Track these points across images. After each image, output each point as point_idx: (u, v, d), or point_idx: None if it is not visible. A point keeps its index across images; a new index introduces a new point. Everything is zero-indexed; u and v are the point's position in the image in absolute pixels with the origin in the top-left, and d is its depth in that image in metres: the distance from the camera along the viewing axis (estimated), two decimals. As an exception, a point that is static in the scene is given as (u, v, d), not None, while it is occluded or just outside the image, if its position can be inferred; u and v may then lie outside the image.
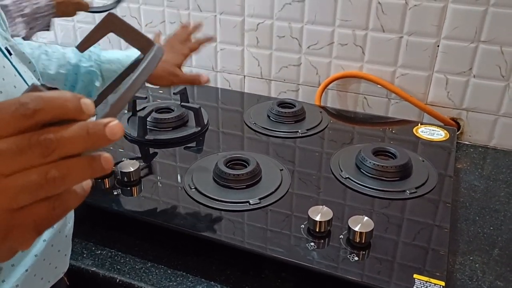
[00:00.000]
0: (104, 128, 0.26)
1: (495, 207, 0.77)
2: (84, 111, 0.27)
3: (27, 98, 0.25)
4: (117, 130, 0.27)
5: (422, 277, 0.54)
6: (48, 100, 0.26)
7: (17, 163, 0.25)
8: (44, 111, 0.25)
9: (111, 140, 0.26)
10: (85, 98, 0.27)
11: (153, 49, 0.32)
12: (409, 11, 0.91)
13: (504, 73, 0.89)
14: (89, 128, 0.26)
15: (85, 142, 0.26)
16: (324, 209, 0.61)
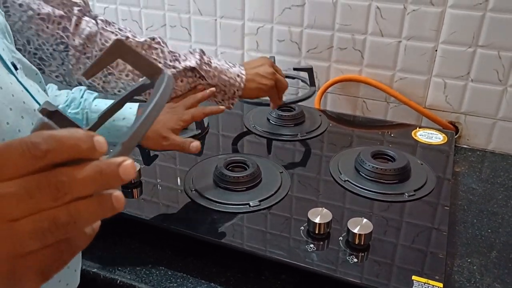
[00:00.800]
0: (117, 169, 0.25)
1: (493, 210, 0.77)
2: (97, 150, 0.25)
3: (38, 138, 0.24)
4: (131, 170, 0.26)
5: (421, 279, 0.55)
6: (61, 140, 0.24)
7: (25, 207, 0.24)
8: (56, 152, 0.24)
9: (124, 180, 0.25)
10: (97, 135, 0.26)
11: (163, 78, 0.31)
12: (407, 16, 0.92)
13: (501, 77, 0.90)
14: (102, 169, 0.25)
15: (97, 183, 0.25)
16: (324, 211, 0.62)
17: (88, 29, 0.63)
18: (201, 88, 0.72)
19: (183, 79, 0.71)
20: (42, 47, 0.61)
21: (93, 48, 0.64)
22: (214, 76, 0.73)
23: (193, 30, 1.11)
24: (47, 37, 0.60)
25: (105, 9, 1.18)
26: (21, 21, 0.58)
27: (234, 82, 0.74)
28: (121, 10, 1.16)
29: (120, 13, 1.17)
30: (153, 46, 0.69)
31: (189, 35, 1.12)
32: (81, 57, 0.63)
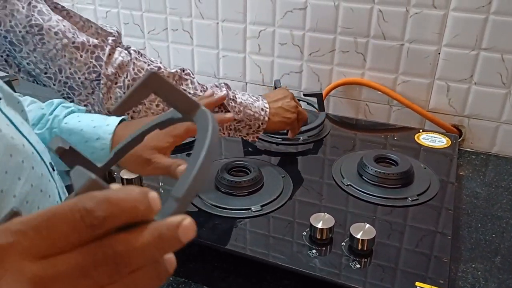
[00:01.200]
0: (177, 231, 0.23)
1: (497, 214, 0.77)
2: (153, 210, 0.23)
3: (91, 203, 0.21)
4: (191, 231, 0.23)
5: (424, 285, 0.54)
6: (118, 204, 0.22)
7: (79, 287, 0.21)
8: (114, 218, 0.22)
9: (184, 243, 0.23)
10: (151, 192, 0.23)
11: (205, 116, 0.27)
12: (410, 18, 0.91)
13: (505, 80, 0.89)
14: (162, 233, 0.22)
15: (157, 249, 0.23)
16: (326, 216, 0.62)
17: (121, 59, 0.62)
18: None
19: None
20: (73, 76, 0.60)
21: (126, 78, 0.62)
22: (240, 112, 0.71)
23: (195, 34, 1.11)
24: (80, 66, 0.59)
25: (107, 13, 1.18)
26: (55, 49, 0.57)
27: (259, 116, 0.73)
28: (123, 14, 1.16)
29: (122, 17, 1.17)
30: (183, 77, 0.68)
31: (191, 39, 1.12)
32: (112, 86, 0.62)
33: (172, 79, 0.66)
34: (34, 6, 0.57)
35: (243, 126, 0.73)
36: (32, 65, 0.58)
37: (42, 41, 0.57)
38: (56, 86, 0.60)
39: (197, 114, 0.28)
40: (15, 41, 0.56)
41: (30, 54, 0.57)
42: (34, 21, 0.56)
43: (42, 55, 0.57)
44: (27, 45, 0.56)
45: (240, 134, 0.74)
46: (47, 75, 0.59)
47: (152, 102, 0.65)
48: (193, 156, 0.24)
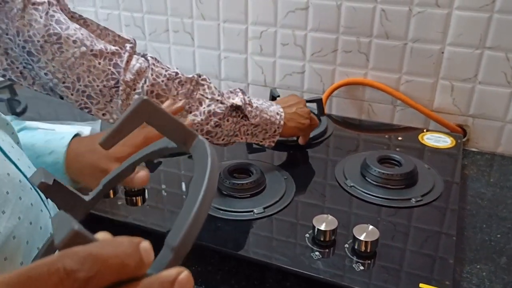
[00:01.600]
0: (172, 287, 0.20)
1: (503, 215, 0.76)
2: (145, 264, 0.20)
3: (73, 261, 0.18)
4: (188, 285, 0.21)
5: (429, 286, 0.54)
6: (104, 261, 0.19)
7: None
8: (100, 279, 0.19)
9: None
10: (142, 242, 0.21)
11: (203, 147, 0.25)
12: (413, 18, 0.90)
13: (510, 79, 0.88)
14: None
15: None
16: (329, 218, 0.61)
17: (139, 65, 0.62)
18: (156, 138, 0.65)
19: (229, 119, 0.68)
20: (92, 84, 0.59)
21: (144, 84, 0.62)
22: (256, 116, 0.71)
23: (196, 35, 1.11)
24: (98, 73, 0.59)
25: (109, 15, 1.18)
26: (74, 57, 0.57)
27: (275, 120, 0.73)
28: (124, 15, 1.16)
29: (123, 19, 1.17)
30: (200, 82, 0.67)
31: (192, 40, 1.12)
32: (131, 93, 0.61)
33: (190, 84, 0.66)
34: (52, 16, 0.57)
35: (260, 130, 0.73)
36: (50, 75, 0.57)
37: (60, 49, 0.56)
38: (74, 96, 0.59)
39: (194, 145, 0.26)
40: (34, 51, 0.56)
41: (48, 64, 0.56)
42: (53, 30, 0.56)
43: (60, 64, 0.57)
44: (46, 55, 0.56)
45: (257, 139, 0.74)
46: (65, 85, 0.58)
47: None
48: (189, 198, 0.22)
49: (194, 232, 0.21)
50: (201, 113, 0.66)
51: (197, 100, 0.66)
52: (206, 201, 0.22)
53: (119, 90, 0.60)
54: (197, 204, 0.21)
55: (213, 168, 0.23)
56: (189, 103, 0.65)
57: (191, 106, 0.65)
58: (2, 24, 0.53)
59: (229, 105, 0.68)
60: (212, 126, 0.67)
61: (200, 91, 0.66)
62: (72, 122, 1.05)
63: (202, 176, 0.23)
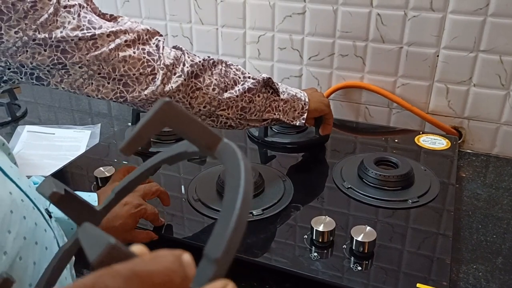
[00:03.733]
0: None
1: (498, 215, 0.77)
2: (189, 278, 0.19)
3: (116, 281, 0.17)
4: None
5: (426, 286, 0.55)
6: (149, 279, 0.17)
7: None
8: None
9: None
10: (184, 254, 0.19)
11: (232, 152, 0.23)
12: (408, 21, 0.92)
13: (504, 81, 0.90)
14: None
15: None
16: (327, 220, 0.62)
17: (174, 52, 0.65)
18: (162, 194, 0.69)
19: (260, 94, 0.71)
20: (128, 73, 0.61)
21: (184, 66, 0.65)
22: (284, 92, 0.75)
23: (194, 40, 1.12)
24: (134, 62, 0.61)
25: (108, 20, 1.19)
26: (108, 49, 0.58)
27: (300, 96, 0.77)
28: (124, 21, 1.17)
29: (122, 24, 1.18)
30: (229, 64, 0.71)
31: (191, 44, 1.13)
32: (172, 77, 0.64)
33: (221, 65, 0.69)
34: (84, 17, 0.59)
35: (289, 107, 0.76)
36: (85, 68, 0.59)
37: (95, 45, 0.58)
38: (110, 84, 0.61)
39: (219, 148, 0.24)
40: (68, 48, 0.57)
41: (82, 58, 0.58)
42: (86, 29, 0.58)
43: (95, 57, 0.58)
44: (80, 51, 0.57)
45: (287, 117, 0.76)
46: (101, 75, 0.60)
47: (208, 87, 0.67)
48: (226, 205, 0.20)
49: (236, 241, 0.20)
50: (236, 91, 0.69)
51: (232, 79, 0.69)
52: (245, 206, 0.20)
53: (159, 75, 0.62)
54: (237, 210, 0.20)
55: (247, 170, 0.22)
56: (225, 82, 0.68)
57: (226, 85, 0.69)
58: (29, 31, 0.54)
59: (261, 80, 0.71)
60: (246, 102, 0.70)
61: (232, 70, 0.70)
62: (71, 126, 1.06)
63: (237, 180, 0.21)
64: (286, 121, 0.76)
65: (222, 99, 0.68)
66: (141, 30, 0.63)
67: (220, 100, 0.68)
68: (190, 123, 0.24)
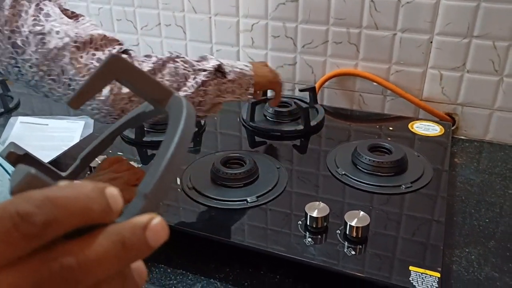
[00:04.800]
0: (144, 234, 0.19)
1: (491, 200, 0.77)
2: (113, 210, 0.19)
3: (28, 204, 0.16)
4: (162, 233, 0.19)
5: (418, 269, 0.55)
6: (63, 205, 0.17)
7: None
8: (59, 224, 0.17)
9: (154, 248, 0.19)
10: (109, 187, 0.19)
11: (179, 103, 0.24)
12: (401, 8, 0.91)
13: (497, 67, 0.90)
14: (125, 238, 0.18)
15: (119, 260, 0.18)
16: (321, 205, 0.62)
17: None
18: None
19: (211, 82, 0.70)
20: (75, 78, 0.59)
21: None
22: (230, 72, 0.74)
23: (188, 28, 1.11)
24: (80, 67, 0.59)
25: (100, 10, 1.18)
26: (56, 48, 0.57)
27: (245, 72, 0.76)
28: (116, 10, 1.16)
29: (114, 13, 1.17)
30: (176, 59, 0.68)
31: (184, 33, 1.12)
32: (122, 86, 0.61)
33: (170, 63, 0.67)
34: (41, 9, 0.57)
35: (236, 85, 0.75)
36: (35, 68, 0.57)
37: (43, 40, 0.56)
38: (61, 89, 0.59)
39: (169, 103, 0.25)
40: (19, 42, 0.56)
41: (32, 56, 0.56)
42: (38, 21, 0.56)
43: (43, 56, 0.56)
44: (30, 46, 0.56)
45: (235, 95, 0.76)
46: (51, 77, 0.58)
47: None
48: (163, 146, 0.21)
49: (168, 179, 0.20)
50: (189, 87, 0.68)
51: (182, 75, 0.67)
52: (179, 149, 0.21)
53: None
54: (170, 151, 0.21)
55: (188, 117, 0.23)
56: (177, 81, 0.67)
57: (179, 84, 0.67)
58: None
59: (212, 70, 0.70)
60: (201, 96, 0.69)
61: (180, 64, 0.68)
62: (65, 117, 1.05)
63: (176, 126, 0.22)
64: (234, 99, 0.76)
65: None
66: (97, 34, 0.60)
67: None
68: (140, 77, 0.24)
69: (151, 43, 1.17)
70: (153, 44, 1.17)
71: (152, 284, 0.61)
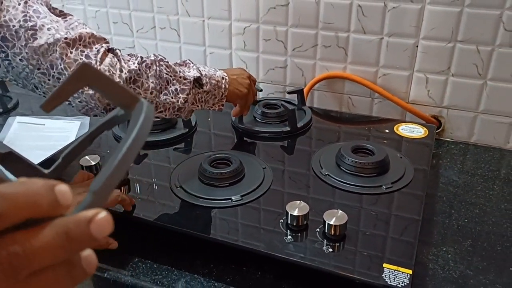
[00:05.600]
0: (88, 226, 0.20)
1: (472, 201, 0.80)
2: (61, 205, 0.21)
3: None
4: (106, 226, 0.21)
5: (391, 266, 0.57)
6: (12, 199, 0.19)
7: None
8: (8, 215, 0.19)
9: (98, 240, 0.21)
10: (60, 184, 0.21)
11: (142, 107, 0.26)
12: (388, 13, 0.94)
13: (480, 71, 0.92)
14: (69, 229, 0.20)
15: (64, 249, 0.20)
16: (302, 204, 0.64)
17: (109, 59, 0.64)
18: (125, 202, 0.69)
19: (191, 91, 0.73)
20: (64, 72, 0.61)
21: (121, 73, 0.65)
22: (207, 83, 0.76)
23: (182, 32, 1.14)
24: (70, 62, 0.61)
25: (97, 13, 1.21)
26: (47, 43, 0.59)
27: (221, 84, 0.78)
28: (112, 13, 1.19)
29: (111, 16, 1.20)
30: (160, 63, 0.71)
31: (178, 36, 1.15)
32: None
33: (155, 65, 0.69)
34: (30, 6, 0.59)
35: (210, 96, 0.78)
36: (24, 61, 0.60)
37: (34, 36, 0.59)
38: (51, 81, 0.62)
39: (136, 107, 0.27)
40: (8, 36, 0.58)
41: (22, 50, 0.59)
42: (29, 17, 0.58)
43: (33, 51, 0.59)
44: (19, 40, 0.58)
45: (208, 105, 0.79)
46: (40, 71, 0.61)
47: (146, 91, 0.68)
48: (117, 148, 0.23)
49: (116, 178, 0.22)
50: (170, 92, 0.70)
51: (165, 79, 0.70)
52: (131, 151, 0.23)
53: None
54: (121, 153, 0.23)
55: (144, 122, 0.25)
56: (160, 84, 0.69)
57: (161, 86, 0.70)
58: None
59: (192, 80, 0.73)
60: (182, 103, 0.72)
61: (164, 68, 0.71)
62: (62, 117, 1.08)
63: (131, 130, 0.24)
64: (206, 108, 0.79)
65: (159, 101, 0.70)
66: (85, 32, 0.63)
67: (157, 103, 0.70)
68: (108, 84, 0.27)
69: (146, 46, 1.20)
70: (148, 46, 1.19)
71: (138, 279, 0.64)
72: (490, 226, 0.73)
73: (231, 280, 0.63)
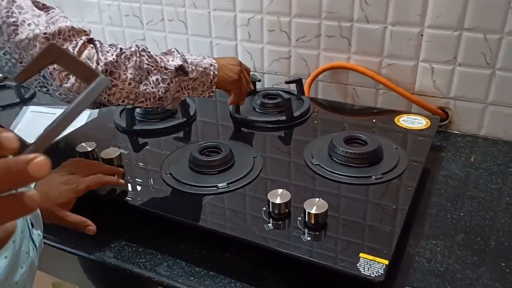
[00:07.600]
0: (26, 166, 0.24)
1: (471, 194, 0.77)
2: (5, 147, 0.24)
3: None
4: (42, 167, 0.24)
5: (368, 255, 0.56)
6: None
7: None
8: None
9: (35, 178, 0.24)
10: (5, 132, 0.25)
11: (96, 79, 0.31)
12: (392, 1, 0.91)
13: (489, 60, 0.88)
14: (10, 166, 0.24)
15: (4, 182, 0.24)
16: (284, 193, 0.64)
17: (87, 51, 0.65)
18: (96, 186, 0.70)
19: (173, 80, 0.74)
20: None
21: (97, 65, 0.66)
22: (193, 71, 0.77)
23: (189, 23, 1.15)
24: None
25: (109, 6, 1.24)
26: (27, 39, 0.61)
27: (209, 71, 0.78)
28: (123, 6, 1.22)
29: (122, 9, 1.23)
30: (142, 53, 0.72)
31: (186, 28, 1.16)
32: None
33: (135, 56, 0.70)
34: (14, 1, 0.62)
35: (198, 84, 0.78)
36: (8, 56, 0.63)
37: (15, 31, 0.61)
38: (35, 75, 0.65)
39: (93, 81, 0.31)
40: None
41: (5, 44, 0.62)
42: (11, 13, 0.61)
43: (15, 45, 0.61)
44: (2, 36, 0.61)
45: (197, 92, 0.79)
46: (22, 65, 0.63)
47: (124, 82, 0.69)
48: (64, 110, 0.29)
49: (56, 132, 0.27)
50: (150, 82, 0.71)
51: (145, 70, 0.71)
52: (73, 112, 0.28)
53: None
54: (63, 115, 0.28)
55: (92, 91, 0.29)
56: (139, 74, 0.70)
57: (141, 77, 0.70)
58: None
59: (173, 69, 0.73)
60: (162, 92, 0.73)
61: (145, 59, 0.71)
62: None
63: (77, 97, 0.29)
64: (195, 96, 0.79)
65: (138, 91, 0.70)
66: (65, 26, 0.64)
67: (137, 93, 0.70)
68: (72, 61, 0.32)
69: (156, 38, 1.22)
70: (158, 38, 1.21)
71: (123, 261, 0.65)
72: (487, 221, 0.70)
73: (212, 266, 0.64)
